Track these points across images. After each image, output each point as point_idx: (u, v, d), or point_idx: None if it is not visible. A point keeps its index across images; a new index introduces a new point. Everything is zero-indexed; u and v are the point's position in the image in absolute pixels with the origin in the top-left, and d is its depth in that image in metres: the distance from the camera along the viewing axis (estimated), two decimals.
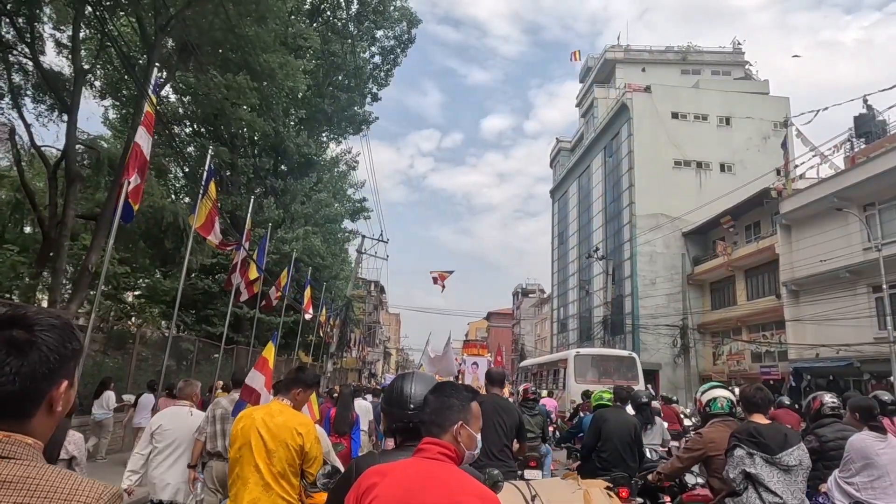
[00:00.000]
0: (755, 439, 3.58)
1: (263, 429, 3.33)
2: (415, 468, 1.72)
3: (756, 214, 30.05)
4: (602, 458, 5.87)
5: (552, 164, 57.94)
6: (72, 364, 1.17)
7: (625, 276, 36.63)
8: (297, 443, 3.33)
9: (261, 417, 3.40)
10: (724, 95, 38.54)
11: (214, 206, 10.00)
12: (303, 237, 22.90)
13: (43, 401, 1.12)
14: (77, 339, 1.19)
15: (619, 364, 19.47)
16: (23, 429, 1.09)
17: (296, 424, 3.39)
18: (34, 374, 1.09)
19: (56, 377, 1.13)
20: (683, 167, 36.90)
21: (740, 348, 30.05)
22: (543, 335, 75.01)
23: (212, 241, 10.14)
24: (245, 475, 3.28)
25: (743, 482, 3.59)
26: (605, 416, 6.12)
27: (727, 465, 3.68)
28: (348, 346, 37.22)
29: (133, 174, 7.31)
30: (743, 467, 3.58)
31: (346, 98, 26.33)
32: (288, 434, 3.33)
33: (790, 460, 3.52)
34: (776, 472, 3.53)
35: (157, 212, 17.23)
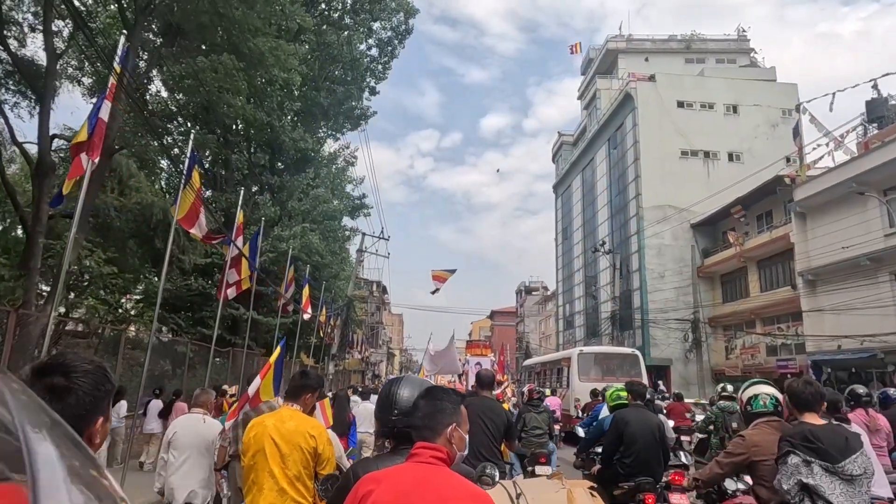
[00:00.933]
0: (812, 445, 3.06)
1: (276, 434, 3.37)
2: (409, 473, 1.76)
3: (768, 203, 29.14)
4: (625, 464, 5.44)
5: (554, 159, 57.04)
6: (105, 402, 1.38)
7: (632, 269, 35.73)
8: (310, 445, 3.38)
9: (272, 424, 3.44)
10: (731, 83, 37.63)
11: (198, 196, 9.15)
12: (300, 235, 22.04)
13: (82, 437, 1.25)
14: (110, 381, 1.39)
15: (622, 361, 19.33)
16: None
17: (308, 428, 3.45)
18: (73, 416, 1.23)
19: (93, 416, 1.33)
20: (690, 157, 36.00)
21: (754, 342, 29.13)
22: (548, 332, 74.25)
23: (196, 234, 9.31)
24: (260, 481, 3.31)
25: (798, 494, 3.06)
26: (627, 418, 5.62)
27: (779, 475, 3.17)
28: (350, 347, 36.36)
29: (97, 153, 6.47)
30: (799, 477, 3.05)
31: (342, 91, 25.50)
32: (301, 437, 3.38)
33: (854, 469, 3.01)
34: (838, 483, 3.01)
35: (145, 209, 16.40)
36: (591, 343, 40.04)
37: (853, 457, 3.03)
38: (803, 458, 3.07)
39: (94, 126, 6.52)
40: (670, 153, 35.49)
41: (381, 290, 72.81)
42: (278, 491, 3.28)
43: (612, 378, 16.97)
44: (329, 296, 26.85)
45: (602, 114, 42.04)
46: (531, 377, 28.20)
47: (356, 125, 28.91)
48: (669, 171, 35.05)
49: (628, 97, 36.66)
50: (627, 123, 37.10)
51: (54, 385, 1.27)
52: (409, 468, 1.80)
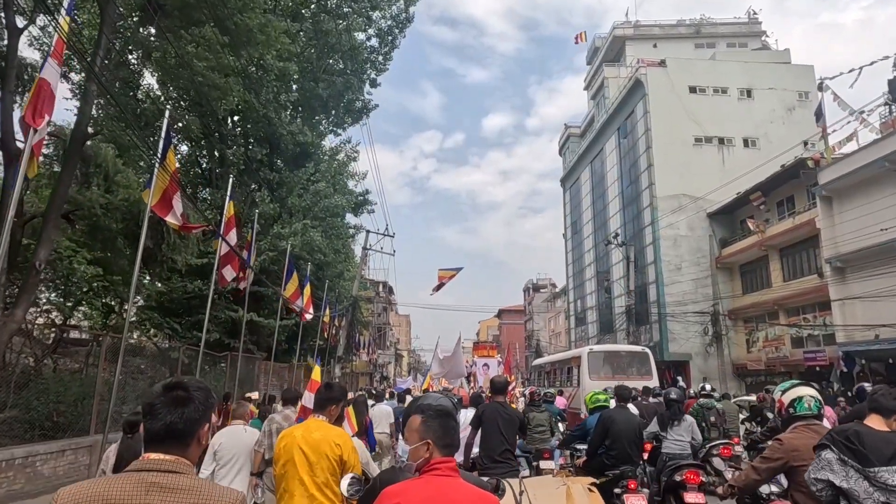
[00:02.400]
0: (852, 445, 2.87)
1: (304, 444, 3.57)
2: (429, 485, 1.96)
3: (789, 188, 27.85)
4: (610, 456, 6.19)
5: (561, 152, 55.77)
6: (210, 412, 1.82)
7: (647, 262, 34.46)
8: (335, 454, 3.58)
9: (300, 434, 3.65)
10: (744, 66, 36.29)
11: (173, 179, 8.05)
12: (301, 232, 20.95)
13: (195, 436, 1.75)
14: (213, 397, 1.87)
15: (632, 359, 19.15)
16: (184, 454, 1.72)
17: (333, 437, 3.65)
18: (192, 418, 1.73)
19: (203, 421, 1.78)
20: (704, 144, 34.69)
21: (778, 334, 27.83)
22: (558, 330, 73.04)
23: (172, 222, 8.22)
24: (291, 489, 3.52)
25: (828, 493, 2.89)
26: (613, 416, 6.41)
27: (811, 466, 3.03)
28: (357, 349, 35.26)
29: (42, 121, 5.35)
30: (829, 474, 2.90)
31: (342, 82, 24.42)
32: (327, 447, 3.58)
33: (892, 479, 2.70)
34: (876, 492, 2.73)
35: (133, 205, 15.29)
36: (605, 339, 38.84)
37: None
38: (838, 456, 2.90)
39: (36, 90, 5.41)
40: (683, 140, 34.21)
41: (388, 291, 71.76)
42: (308, 497, 3.48)
43: (622, 376, 17.03)
44: (333, 296, 25.75)
45: (610, 102, 40.76)
46: (541, 377, 27.87)
47: (357, 118, 27.83)
48: (683, 158, 33.78)
49: (638, 84, 35.38)
50: (638, 111, 35.83)
51: (179, 396, 1.74)
52: (428, 481, 1.99)
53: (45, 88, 5.38)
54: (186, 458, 1.71)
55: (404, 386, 31.92)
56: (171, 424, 1.70)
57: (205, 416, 1.77)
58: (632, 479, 6.05)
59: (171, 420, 1.70)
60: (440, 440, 2.09)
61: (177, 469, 1.65)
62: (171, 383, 1.80)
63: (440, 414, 2.18)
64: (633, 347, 21.52)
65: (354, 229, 28.85)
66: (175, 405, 1.71)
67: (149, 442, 1.72)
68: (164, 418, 1.69)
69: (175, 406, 1.71)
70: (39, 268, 9.87)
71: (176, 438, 1.70)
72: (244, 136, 22.58)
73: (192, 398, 1.74)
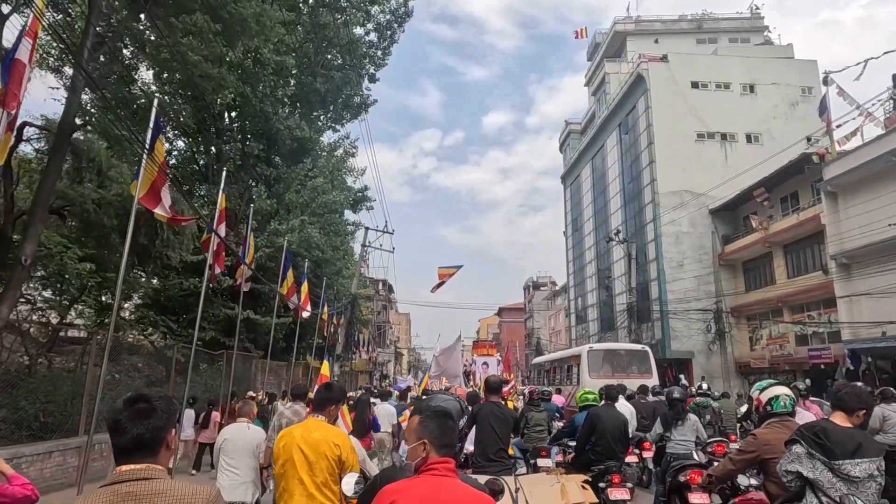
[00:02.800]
0: (819, 440, 3.19)
1: (303, 444, 3.61)
2: (426, 485, 2.01)
3: (793, 184, 27.52)
4: (596, 452, 6.51)
5: (562, 149, 55.40)
6: (174, 419, 1.90)
7: (649, 259, 34.13)
8: (334, 453, 3.61)
9: (300, 434, 3.68)
10: (747, 61, 35.92)
11: (162, 170, 7.72)
12: (299, 228, 20.62)
13: (163, 443, 1.83)
14: (174, 405, 1.94)
15: (632, 358, 19.19)
16: (155, 461, 1.80)
17: (332, 437, 3.68)
18: (157, 426, 1.80)
19: (169, 427, 1.85)
20: (707, 140, 34.34)
21: (782, 331, 27.52)
22: (558, 328, 72.75)
23: (160, 214, 7.88)
24: (291, 488, 3.56)
25: (797, 482, 3.25)
26: (600, 414, 6.72)
27: (782, 459, 3.40)
28: (356, 347, 34.94)
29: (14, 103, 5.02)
30: (798, 467, 3.23)
31: (340, 77, 24.05)
32: (326, 446, 3.61)
33: (855, 471, 3.07)
34: (838, 482, 3.10)
35: (126, 201, 14.94)
36: (606, 337, 38.54)
37: (857, 461, 3.08)
38: (807, 450, 3.20)
39: (8, 70, 5.07)
40: (685, 136, 33.87)
41: (388, 289, 71.44)
42: (307, 496, 3.50)
43: (622, 375, 17.19)
44: (332, 293, 25.42)
45: (612, 98, 40.40)
46: (540, 375, 27.82)
47: (356, 114, 27.46)
48: (685, 154, 33.44)
49: (640, 79, 35.02)
50: (640, 106, 35.48)
51: (141, 409, 1.80)
52: (425, 480, 2.03)
53: (17, 71, 5.05)
54: (157, 463, 1.79)
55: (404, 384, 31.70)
56: (138, 437, 1.76)
57: (169, 423, 1.86)
58: (616, 474, 6.37)
59: (138, 432, 1.76)
60: (437, 440, 2.12)
61: (148, 476, 1.73)
62: (132, 397, 1.85)
63: (437, 414, 2.23)
64: (633, 346, 21.41)
65: (353, 226, 28.54)
66: (139, 418, 1.78)
67: (118, 456, 1.79)
68: (131, 431, 1.76)
69: (139, 419, 1.78)
70: (26, 263, 9.55)
71: (144, 448, 1.77)
72: (241, 131, 22.24)
73: (154, 408, 1.81)
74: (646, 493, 9.14)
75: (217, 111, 20.33)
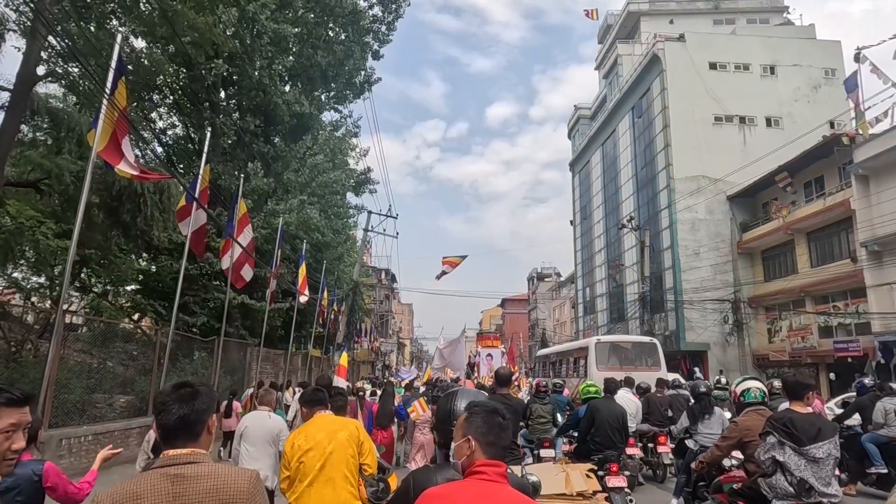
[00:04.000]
0: (788, 430, 3.91)
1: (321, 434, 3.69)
2: (475, 491, 1.81)
3: (818, 168, 26.13)
4: (596, 442, 6.93)
5: (570, 135, 53.94)
6: (214, 405, 2.00)
7: (663, 247, 32.80)
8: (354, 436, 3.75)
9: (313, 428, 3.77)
10: (767, 41, 34.39)
11: (123, 119, 6.47)
12: (297, 208, 19.38)
13: (205, 426, 1.93)
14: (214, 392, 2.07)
15: (640, 350, 19.07)
16: (197, 445, 1.91)
17: (345, 423, 3.87)
18: (200, 409, 1.91)
19: (210, 412, 1.96)
20: (725, 123, 32.89)
21: (804, 323, 26.23)
22: (563, 319, 71.59)
23: (124, 171, 6.63)
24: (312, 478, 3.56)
25: (772, 466, 3.98)
26: (598, 406, 7.16)
27: (759, 448, 4.13)
28: (358, 336, 33.77)
29: None
30: (773, 453, 3.95)
31: (342, 50, 22.70)
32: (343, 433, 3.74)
33: (818, 453, 3.84)
34: (804, 462, 3.85)
35: (107, 174, 13.73)
36: (616, 328, 37.33)
37: (819, 444, 3.87)
38: (778, 440, 3.96)
39: None
40: (703, 119, 32.43)
41: (391, 279, 70.30)
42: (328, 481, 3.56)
43: (630, 367, 17.13)
44: (332, 279, 24.18)
45: (624, 81, 38.93)
46: (545, 367, 27.21)
47: (359, 93, 26.14)
48: (702, 138, 32.02)
49: (655, 59, 33.54)
50: (654, 88, 34.01)
51: (186, 393, 1.92)
52: (472, 485, 1.85)
53: None
54: (200, 448, 1.91)
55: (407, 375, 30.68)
56: (183, 416, 1.88)
57: (210, 407, 1.97)
58: (614, 463, 6.73)
59: (183, 413, 1.88)
60: (483, 437, 1.95)
61: (194, 459, 1.86)
62: (178, 383, 2.00)
63: (484, 410, 2.04)
64: (642, 338, 20.97)
65: (355, 210, 27.26)
66: (183, 401, 1.90)
67: (164, 438, 1.91)
68: (176, 413, 1.88)
69: (183, 402, 1.90)
70: None
71: (188, 430, 1.89)
72: (238, 107, 20.95)
73: (198, 392, 1.94)
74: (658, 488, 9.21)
75: (210, 82, 19.03)
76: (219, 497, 1.82)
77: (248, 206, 19.33)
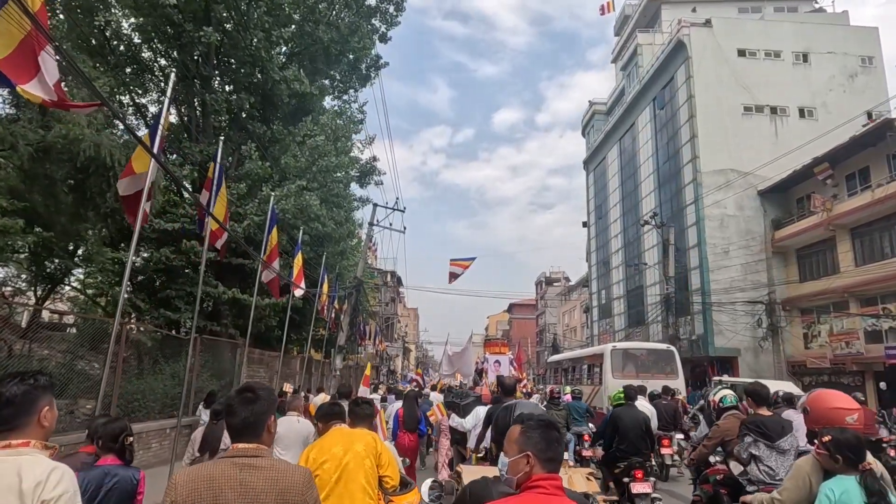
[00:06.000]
0: (761, 430, 4.87)
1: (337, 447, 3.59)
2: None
3: (863, 158, 24.06)
4: (621, 449, 7.15)
5: (584, 132, 51.93)
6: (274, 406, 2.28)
7: (688, 245, 30.70)
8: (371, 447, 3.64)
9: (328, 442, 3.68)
10: (799, 27, 32.35)
11: (40, 16, 4.51)
12: (295, 194, 17.45)
13: (265, 426, 2.21)
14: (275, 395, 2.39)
15: (657, 358, 18.74)
16: (261, 441, 2.18)
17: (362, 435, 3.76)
18: (260, 412, 2.19)
19: (270, 413, 2.23)
20: (755, 113, 30.82)
21: (848, 326, 24.07)
22: (573, 325, 69.51)
23: (29, 92, 4.60)
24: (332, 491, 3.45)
25: (749, 459, 4.88)
26: (620, 414, 7.47)
27: (738, 447, 5.02)
28: (362, 339, 31.78)
29: None
30: (750, 450, 4.86)
31: (346, 26, 20.82)
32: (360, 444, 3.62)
33: (785, 445, 4.82)
34: (774, 454, 4.79)
35: (71, 143, 11.80)
36: (635, 333, 35.27)
37: (786, 438, 4.85)
38: (754, 439, 4.87)
39: None
40: (731, 109, 30.39)
41: (396, 281, 68.37)
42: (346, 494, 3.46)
43: (646, 375, 16.96)
44: (333, 273, 22.21)
45: (644, 71, 36.92)
46: (557, 374, 26.49)
47: (365, 80, 24.26)
48: (731, 129, 29.99)
49: (680, 46, 31.52)
50: (679, 77, 31.99)
51: (248, 397, 2.21)
52: (531, 498, 1.86)
53: None
54: (263, 444, 2.19)
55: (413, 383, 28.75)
56: (245, 419, 2.17)
57: (270, 409, 2.25)
58: (638, 469, 6.90)
59: (245, 416, 2.17)
60: (542, 453, 1.96)
61: (258, 454, 2.14)
62: (242, 387, 2.32)
63: (542, 425, 2.05)
64: (658, 345, 20.53)
65: (360, 202, 25.27)
66: (246, 404, 2.19)
67: (233, 434, 2.20)
68: (240, 415, 2.17)
69: (246, 405, 2.19)
70: None
71: (251, 429, 2.17)
72: (231, 81, 19.09)
73: (259, 397, 2.22)
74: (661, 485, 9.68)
75: (201, 52, 17.18)
76: (277, 486, 2.08)
77: (242, 192, 17.49)
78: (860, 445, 3.11)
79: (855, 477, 3.02)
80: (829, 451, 3.15)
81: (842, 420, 3.62)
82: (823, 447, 3.20)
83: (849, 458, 3.07)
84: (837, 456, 3.10)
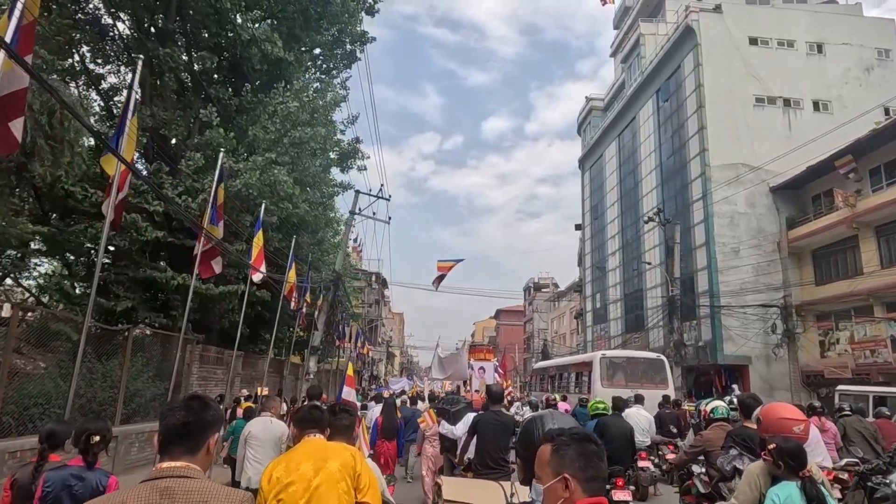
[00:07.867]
0: (746, 444, 4.66)
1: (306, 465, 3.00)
2: None
3: (888, 151, 22.17)
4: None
5: (580, 130, 49.94)
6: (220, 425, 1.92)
7: (695, 245, 28.63)
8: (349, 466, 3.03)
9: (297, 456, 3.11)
10: (814, 16, 30.60)
11: None
12: (262, 167, 15.02)
13: (206, 443, 1.82)
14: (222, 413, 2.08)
15: (647, 367, 18.48)
16: (193, 461, 1.77)
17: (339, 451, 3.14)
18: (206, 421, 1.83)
19: (215, 428, 1.86)
20: (767, 105, 28.91)
21: (872, 333, 22.06)
22: (562, 331, 67.46)
23: None
24: None
25: (731, 472, 4.68)
26: (608, 423, 7.71)
27: (721, 458, 4.85)
28: (340, 340, 29.27)
29: None
30: (734, 463, 4.67)
31: None
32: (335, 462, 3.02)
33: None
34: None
35: None
36: (633, 339, 33.17)
37: None
38: (739, 452, 4.70)
39: None
40: (742, 100, 28.46)
41: (381, 283, 65.85)
42: None
43: (636, 384, 16.73)
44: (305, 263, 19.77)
45: (647, 62, 34.97)
46: (543, 381, 25.78)
47: (350, 58, 21.93)
48: (742, 121, 28.04)
49: (688, 32, 29.56)
50: (686, 66, 30.01)
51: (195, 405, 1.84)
52: None
53: None
54: (195, 464, 1.78)
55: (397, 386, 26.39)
56: (186, 423, 1.78)
57: (216, 424, 1.87)
58: (619, 478, 7.12)
59: (188, 420, 1.79)
60: (581, 472, 1.63)
61: (187, 474, 1.73)
62: (191, 395, 1.95)
63: (576, 438, 1.71)
64: (648, 354, 20.15)
65: (341, 188, 22.82)
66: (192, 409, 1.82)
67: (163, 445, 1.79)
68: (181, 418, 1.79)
69: (192, 410, 1.82)
70: None
71: (190, 439, 1.78)
72: (192, 36, 16.67)
73: (209, 406, 1.87)
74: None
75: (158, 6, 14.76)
76: None
77: (199, 164, 15.05)
78: (801, 454, 3.28)
79: (796, 483, 3.18)
80: (773, 458, 3.32)
81: (789, 429, 3.69)
82: (768, 454, 3.37)
83: (790, 465, 3.24)
84: (780, 462, 3.27)
